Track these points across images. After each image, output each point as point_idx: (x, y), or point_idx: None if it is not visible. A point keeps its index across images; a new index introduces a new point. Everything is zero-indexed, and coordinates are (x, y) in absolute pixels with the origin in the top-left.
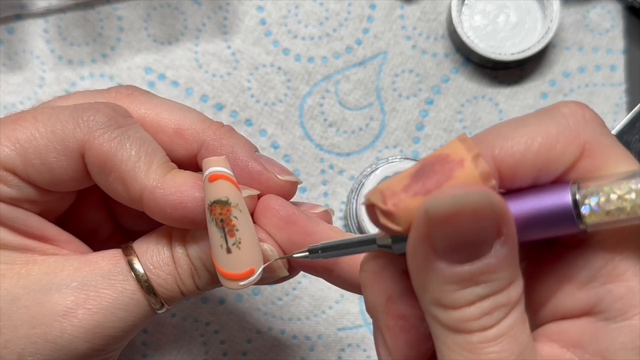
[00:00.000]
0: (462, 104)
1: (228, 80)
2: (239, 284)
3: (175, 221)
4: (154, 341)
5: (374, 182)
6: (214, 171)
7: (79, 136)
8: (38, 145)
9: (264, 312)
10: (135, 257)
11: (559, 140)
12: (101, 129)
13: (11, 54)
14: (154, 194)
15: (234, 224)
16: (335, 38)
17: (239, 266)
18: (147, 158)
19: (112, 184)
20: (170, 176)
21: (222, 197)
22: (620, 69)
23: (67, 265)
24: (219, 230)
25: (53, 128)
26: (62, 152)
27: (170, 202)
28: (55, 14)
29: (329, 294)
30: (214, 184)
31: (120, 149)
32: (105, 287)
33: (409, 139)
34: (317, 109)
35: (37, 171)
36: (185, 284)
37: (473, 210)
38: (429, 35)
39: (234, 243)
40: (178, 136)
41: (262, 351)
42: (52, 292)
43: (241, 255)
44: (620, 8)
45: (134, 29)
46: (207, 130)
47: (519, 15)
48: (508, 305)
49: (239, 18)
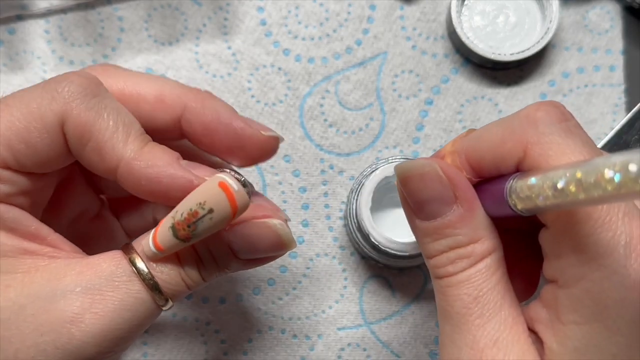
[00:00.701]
0: (461, 104)
1: (228, 81)
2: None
3: (147, 194)
4: (154, 341)
5: (374, 182)
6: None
7: (56, 108)
8: (18, 129)
9: (264, 312)
10: (137, 255)
11: (505, 141)
12: (77, 99)
13: (12, 54)
14: (130, 165)
15: (194, 228)
16: (335, 38)
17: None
18: (124, 129)
19: (88, 154)
20: (148, 149)
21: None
22: (620, 70)
23: (69, 270)
24: (182, 214)
25: (28, 108)
26: (43, 129)
27: (146, 175)
28: (56, 15)
29: (329, 294)
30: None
31: (98, 118)
32: (110, 290)
33: (409, 139)
34: (317, 109)
35: (24, 156)
36: (190, 276)
37: (420, 174)
38: (428, 36)
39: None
40: (160, 102)
41: (263, 350)
42: (58, 298)
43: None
44: (619, 9)
45: (135, 30)
46: (188, 94)
47: (518, 15)
48: (471, 257)
49: (239, 19)
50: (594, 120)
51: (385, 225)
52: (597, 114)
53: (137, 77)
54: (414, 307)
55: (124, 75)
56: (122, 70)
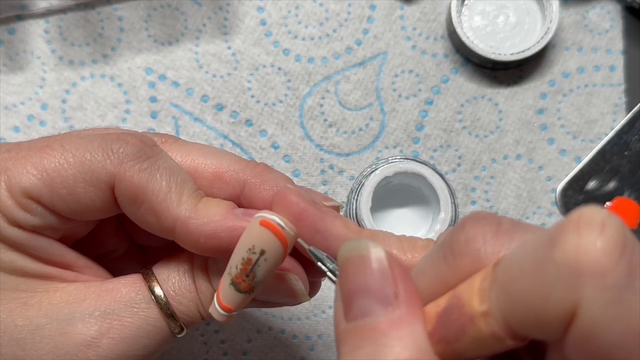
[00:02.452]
0: (461, 104)
1: (228, 81)
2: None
3: (208, 251)
4: None
5: (374, 182)
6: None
7: (109, 168)
8: (66, 175)
9: (264, 312)
10: (157, 283)
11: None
12: (131, 160)
13: (12, 54)
14: (187, 225)
15: (253, 276)
16: (335, 38)
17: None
18: (177, 188)
19: (143, 215)
20: (202, 205)
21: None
22: (620, 69)
23: (89, 293)
24: (237, 266)
25: (82, 158)
26: (91, 182)
27: (204, 233)
28: (55, 15)
29: (329, 294)
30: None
31: (151, 180)
32: (128, 316)
33: (409, 139)
34: (317, 109)
35: (63, 201)
36: (207, 309)
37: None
38: (428, 36)
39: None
40: (218, 180)
41: (263, 351)
42: (76, 321)
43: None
44: (619, 8)
45: (135, 30)
46: (246, 169)
47: (518, 15)
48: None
49: (239, 19)
50: (594, 120)
51: (385, 225)
52: (597, 114)
53: (193, 152)
54: None
55: (181, 148)
56: (181, 142)
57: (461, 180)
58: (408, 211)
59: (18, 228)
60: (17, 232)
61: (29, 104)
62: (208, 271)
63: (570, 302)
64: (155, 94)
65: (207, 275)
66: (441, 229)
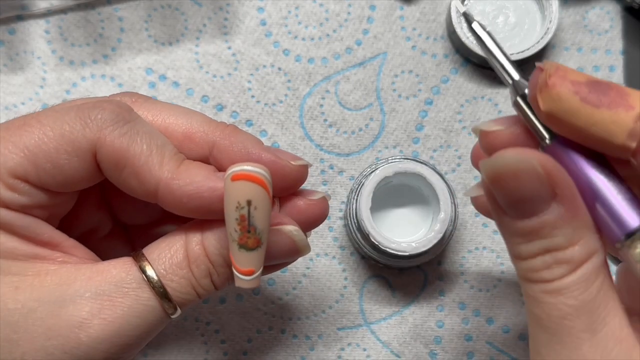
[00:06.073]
0: (461, 105)
1: (228, 81)
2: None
3: (191, 211)
4: (154, 340)
5: (374, 182)
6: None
7: (89, 136)
8: (48, 149)
9: (264, 312)
10: (147, 263)
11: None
12: (110, 126)
13: (12, 54)
14: (169, 186)
15: (254, 229)
16: (335, 39)
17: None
18: (158, 151)
19: (126, 179)
20: (184, 167)
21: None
22: (619, 70)
23: (79, 275)
24: (235, 229)
25: (61, 130)
26: (73, 153)
27: (187, 193)
28: (56, 15)
29: (329, 294)
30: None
31: (132, 144)
32: (119, 296)
33: (409, 139)
34: (317, 109)
35: (49, 175)
36: (202, 284)
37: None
38: (428, 36)
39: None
40: (188, 140)
41: (263, 350)
42: (67, 303)
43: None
44: (619, 9)
45: (135, 30)
46: (215, 130)
47: (518, 16)
48: (570, 263)
49: (239, 19)
50: None
51: (385, 225)
52: None
53: (164, 112)
54: (414, 307)
55: (152, 107)
56: (152, 102)
57: (461, 180)
58: (408, 211)
59: (7, 209)
60: (6, 213)
61: (30, 104)
62: (204, 243)
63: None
64: (156, 94)
65: (202, 246)
66: (441, 229)
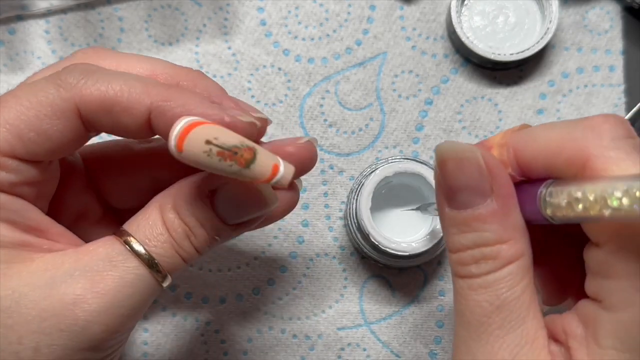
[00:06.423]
0: (461, 105)
1: (228, 81)
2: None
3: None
4: (154, 340)
5: (374, 182)
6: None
7: (65, 95)
8: (28, 119)
9: (264, 312)
10: (130, 236)
11: (564, 147)
12: (82, 80)
13: (12, 54)
14: (162, 108)
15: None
16: (335, 39)
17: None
18: (136, 82)
19: (117, 120)
20: (173, 90)
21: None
22: (619, 70)
23: (67, 258)
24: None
25: (37, 98)
26: (54, 115)
27: (179, 115)
28: (56, 15)
29: (329, 294)
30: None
31: (109, 85)
32: (108, 270)
33: (409, 139)
34: (317, 109)
35: (35, 144)
36: (183, 247)
37: (459, 158)
38: (428, 36)
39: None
40: None
41: (263, 350)
42: (58, 284)
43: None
44: (619, 9)
45: (135, 30)
46: (180, 73)
47: (518, 16)
48: (497, 259)
49: (239, 19)
50: None
51: (385, 225)
52: (596, 114)
53: (128, 58)
54: (414, 307)
55: (115, 56)
56: (113, 52)
57: None
58: (408, 211)
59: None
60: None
61: None
62: (176, 208)
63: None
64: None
65: (175, 212)
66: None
